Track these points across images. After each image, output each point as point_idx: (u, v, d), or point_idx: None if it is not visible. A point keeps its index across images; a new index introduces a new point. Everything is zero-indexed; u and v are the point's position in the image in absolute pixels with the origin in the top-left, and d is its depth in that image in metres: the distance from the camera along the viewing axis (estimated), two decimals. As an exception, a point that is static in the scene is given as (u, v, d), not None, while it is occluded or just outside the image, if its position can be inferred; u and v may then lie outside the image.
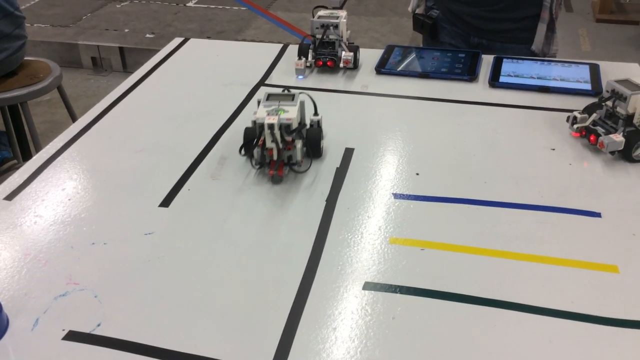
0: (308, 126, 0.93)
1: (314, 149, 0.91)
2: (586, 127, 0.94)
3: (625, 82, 0.90)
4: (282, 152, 0.86)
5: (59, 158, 0.95)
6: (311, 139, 0.90)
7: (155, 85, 1.18)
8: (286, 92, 0.91)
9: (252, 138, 0.87)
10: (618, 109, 0.90)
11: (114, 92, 1.14)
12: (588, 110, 0.96)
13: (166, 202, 0.83)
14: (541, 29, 1.32)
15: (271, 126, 0.83)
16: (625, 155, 0.89)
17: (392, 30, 3.51)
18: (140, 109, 1.09)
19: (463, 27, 1.33)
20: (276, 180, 0.87)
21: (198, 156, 0.94)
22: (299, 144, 0.87)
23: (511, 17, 1.33)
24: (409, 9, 1.50)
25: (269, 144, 0.84)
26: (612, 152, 0.90)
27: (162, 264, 0.73)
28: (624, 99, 0.88)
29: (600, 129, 0.92)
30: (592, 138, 0.92)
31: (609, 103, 0.90)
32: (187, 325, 0.65)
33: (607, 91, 0.91)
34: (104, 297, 0.69)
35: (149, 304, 0.68)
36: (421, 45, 1.55)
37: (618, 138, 0.88)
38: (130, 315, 0.66)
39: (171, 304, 0.68)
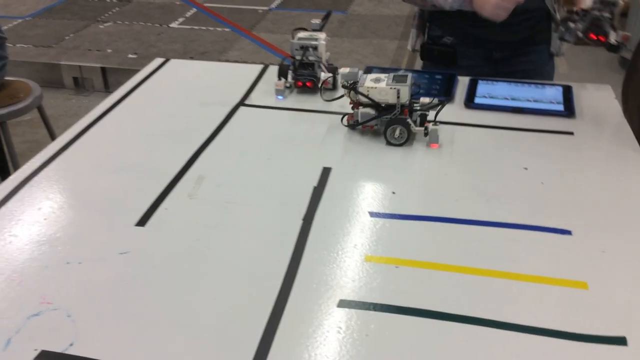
0: None
1: None
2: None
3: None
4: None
5: (36, 177, 0.94)
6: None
7: (135, 105, 1.18)
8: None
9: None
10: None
11: (93, 112, 1.15)
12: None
13: (142, 222, 0.83)
14: (556, 32, 1.33)
15: None
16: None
17: (374, 52, 3.56)
18: (119, 128, 1.10)
19: (485, 45, 1.33)
20: None
21: (176, 176, 0.94)
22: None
23: (525, 24, 1.32)
24: (409, 47, 1.46)
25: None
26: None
27: (137, 283, 0.73)
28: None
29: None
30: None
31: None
32: (160, 345, 0.65)
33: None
34: (77, 317, 0.68)
35: (122, 324, 0.67)
36: (404, 67, 1.56)
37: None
38: (103, 334, 0.66)
39: (145, 324, 0.67)
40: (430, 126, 1.01)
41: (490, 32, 1.22)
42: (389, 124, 1.01)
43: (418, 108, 1.03)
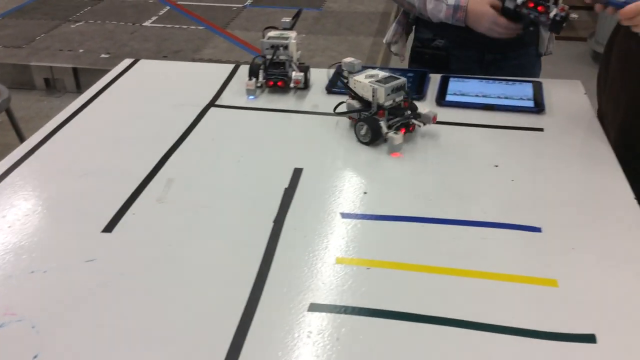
0: None
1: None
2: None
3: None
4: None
5: (1, 184, 0.92)
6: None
7: (103, 107, 1.16)
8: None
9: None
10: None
11: (60, 115, 1.12)
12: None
13: (109, 227, 0.82)
14: (544, 31, 1.34)
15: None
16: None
17: (350, 48, 3.55)
18: (86, 131, 1.08)
19: (477, 47, 1.32)
20: None
21: (144, 179, 0.92)
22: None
23: None
24: (385, 41, 1.46)
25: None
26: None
27: (104, 291, 0.72)
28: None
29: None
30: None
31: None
32: (129, 355, 0.64)
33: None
34: (42, 328, 0.67)
35: (89, 334, 0.66)
36: (383, 66, 1.55)
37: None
38: (69, 345, 0.65)
39: (113, 333, 0.66)
40: (390, 134, 0.99)
41: (482, 34, 1.22)
42: (359, 120, 1.01)
43: (404, 113, 1.01)
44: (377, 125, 0.99)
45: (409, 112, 1.02)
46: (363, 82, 1.01)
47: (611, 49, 1.18)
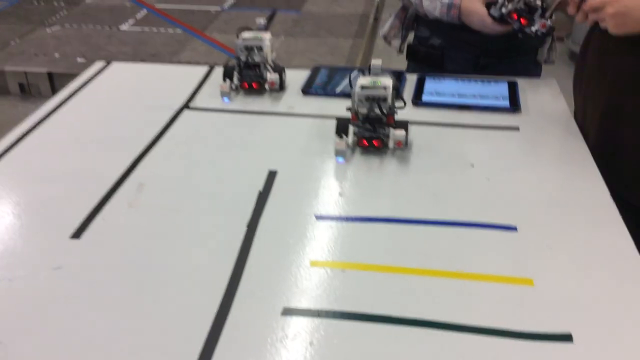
0: None
1: None
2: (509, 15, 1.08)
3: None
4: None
5: (-35, 191, 0.90)
6: None
7: (74, 110, 1.14)
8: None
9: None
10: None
11: (29, 120, 1.10)
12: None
13: (78, 234, 0.80)
14: (545, 41, 1.33)
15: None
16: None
17: (329, 51, 3.54)
18: (56, 135, 1.05)
19: (471, 50, 1.32)
20: None
21: (115, 183, 0.90)
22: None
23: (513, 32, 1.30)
24: (381, 33, 1.44)
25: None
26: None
27: (73, 300, 0.70)
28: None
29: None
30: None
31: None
32: (95, 364, 0.62)
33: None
34: (6, 339, 0.64)
35: (56, 345, 0.64)
36: (358, 66, 1.53)
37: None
38: (36, 357, 0.63)
39: (83, 344, 0.64)
40: (337, 139, 0.97)
41: (477, 37, 1.21)
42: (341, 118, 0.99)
43: (379, 128, 0.97)
44: (343, 123, 0.97)
45: (386, 128, 0.96)
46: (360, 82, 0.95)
47: (587, 48, 1.18)
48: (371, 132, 0.97)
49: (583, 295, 0.70)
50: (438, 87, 1.18)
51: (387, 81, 0.96)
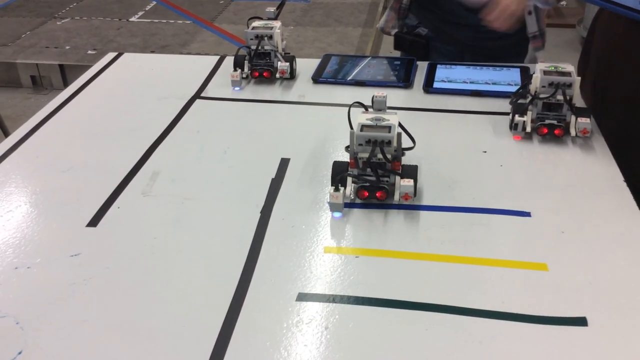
0: None
1: None
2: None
3: (554, 73, 0.94)
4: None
5: (-18, 181, 0.91)
6: None
7: (87, 101, 1.15)
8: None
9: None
10: (558, 97, 0.93)
11: (42, 111, 1.11)
12: (516, 110, 0.97)
13: (94, 222, 0.80)
14: (532, 45, 1.32)
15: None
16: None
17: (338, 40, 3.53)
18: (70, 126, 1.06)
19: (457, 46, 1.31)
20: None
21: (129, 173, 0.91)
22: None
23: (500, 39, 1.28)
24: (378, 26, 1.44)
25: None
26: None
27: (89, 286, 0.71)
28: (568, 85, 0.92)
29: (545, 121, 0.94)
30: (544, 130, 0.94)
31: (544, 95, 0.94)
32: (114, 350, 0.62)
33: (544, 86, 0.94)
34: (26, 324, 0.66)
35: (74, 329, 0.65)
36: (369, 54, 1.53)
37: (584, 120, 0.92)
38: (54, 341, 0.64)
39: (98, 328, 0.65)
40: (331, 191, 0.81)
41: (463, 34, 1.20)
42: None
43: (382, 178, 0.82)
44: (339, 170, 0.82)
45: (391, 177, 0.82)
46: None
47: (593, 34, 1.17)
48: (373, 182, 0.81)
49: (597, 279, 0.70)
50: (449, 74, 1.17)
51: (393, 118, 0.81)
